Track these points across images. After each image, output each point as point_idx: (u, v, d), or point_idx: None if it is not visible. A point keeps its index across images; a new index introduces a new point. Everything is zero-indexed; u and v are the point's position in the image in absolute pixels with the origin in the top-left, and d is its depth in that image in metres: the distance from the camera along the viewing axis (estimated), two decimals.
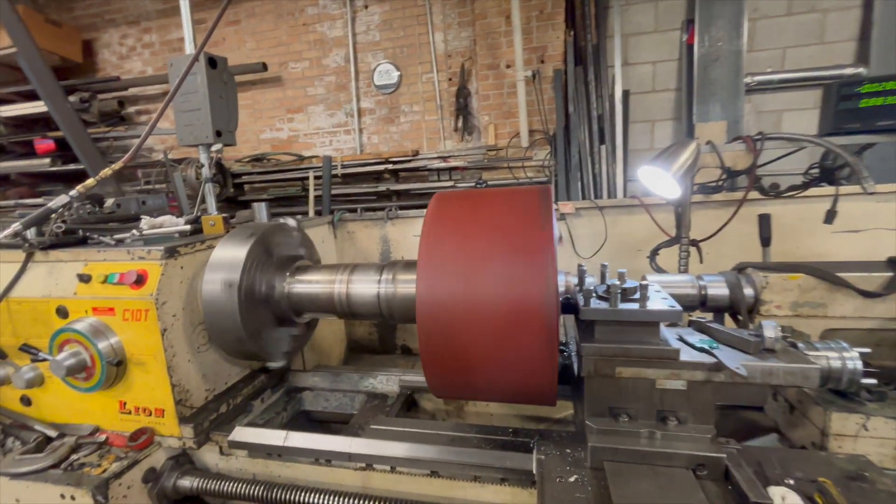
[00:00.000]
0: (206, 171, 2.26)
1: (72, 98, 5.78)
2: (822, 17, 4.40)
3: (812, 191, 2.18)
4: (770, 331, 1.21)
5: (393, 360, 3.13)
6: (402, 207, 3.79)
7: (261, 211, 2.56)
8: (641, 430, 1.23)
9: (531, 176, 5.00)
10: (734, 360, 1.17)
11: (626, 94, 4.81)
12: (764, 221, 1.56)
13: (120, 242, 1.78)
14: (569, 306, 1.49)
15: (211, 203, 2.29)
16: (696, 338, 1.31)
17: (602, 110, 4.73)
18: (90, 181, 1.86)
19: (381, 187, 5.18)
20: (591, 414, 1.30)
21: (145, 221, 1.89)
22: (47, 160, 6.00)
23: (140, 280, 1.60)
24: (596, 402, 1.29)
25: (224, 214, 2.03)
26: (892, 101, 1.97)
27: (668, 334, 1.28)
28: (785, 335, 1.27)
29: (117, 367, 1.61)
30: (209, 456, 1.79)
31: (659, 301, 1.25)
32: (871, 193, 2.14)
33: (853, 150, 1.82)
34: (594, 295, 1.29)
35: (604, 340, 1.26)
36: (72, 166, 5.89)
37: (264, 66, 5.59)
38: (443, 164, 5.09)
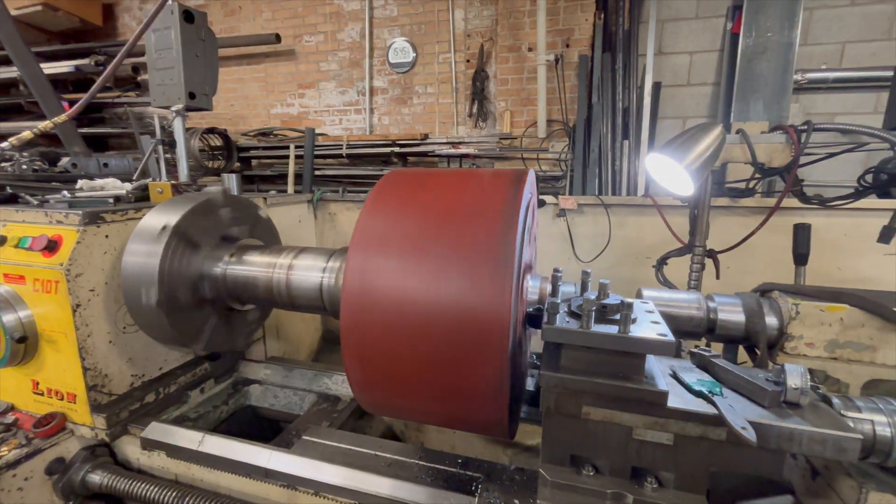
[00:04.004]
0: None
1: (86, 60, 5.75)
2: (892, 8, 3.86)
3: (864, 202, 1.81)
4: (795, 378, 0.90)
5: None
6: (361, 192, 3.52)
7: (230, 183, 2.35)
8: (608, 491, 0.95)
9: (546, 169, 4.65)
10: (740, 415, 0.87)
11: (657, 86, 4.38)
12: (801, 233, 1.23)
13: (44, 203, 1.58)
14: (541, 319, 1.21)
15: (182, 167, 2.09)
16: (695, 376, 1.01)
17: (629, 103, 4.32)
18: (26, 133, 1.68)
19: (387, 171, 4.94)
20: (548, 459, 1.02)
21: (83, 183, 1.69)
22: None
23: (52, 246, 1.40)
24: (554, 445, 1.01)
25: (174, 182, 1.82)
26: None
27: (658, 368, 0.98)
28: (815, 385, 0.96)
29: (21, 343, 1.42)
30: (130, 450, 1.59)
31: (647, 326, 0.96)
32: None
33: None
34: (563, 310, 1.01)
35: (570, 370, 0.97)
36: (85, 130, 5.88)
37: (278, 38, 5.39)
38: (452, 151, 4.80)
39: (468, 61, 5.05)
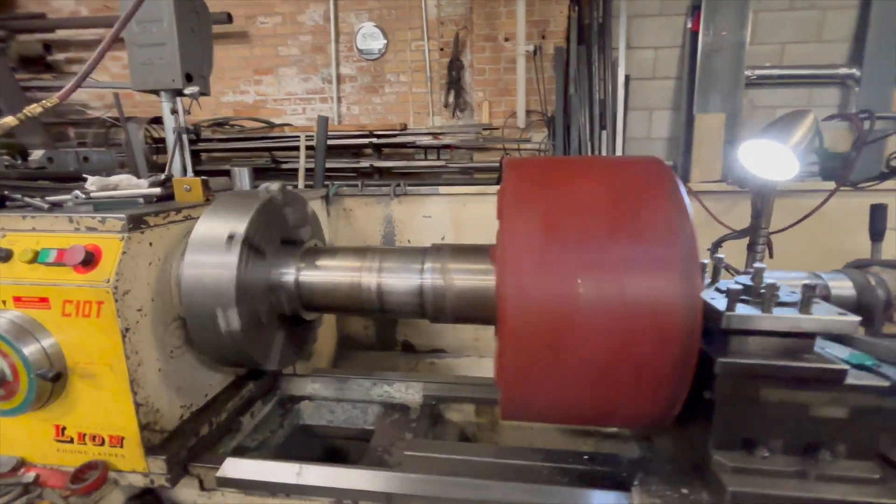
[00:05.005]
0: (180, 120, 1.75)
1: None
2: (821, 14, 4.39)
3: (867, 184, 2.03)
4: None
5: (392, 358, 2.73)
6: (383, 186, 3.37)
7: (242, 178, 2.09)
8: (791, 469, 0.97)
9: None
10: None
11: (626, 78, 4.61)
12: (878, 212, 1.37)
13: (56, 207, 1.28)
14: None
15: (186, 161, 1.78)
16: (843, 351, 1.07)
17: (605, 94, 4.50)
18: (8, 119, 1.33)
19: (364, 163, 4.70)
20: (720, 445, 1.02)
21: (94, 181, 1.39)
22: None
23: (90, 260, 1.13)
24: (728, 430, 1.02)
25: (204, 177, 1.56)
26: None
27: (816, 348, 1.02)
28: None
29: (53, 381, 1.14)
30: (185, 493, 1.35)
31: (814, 307, 0.99)
32: None
33: None
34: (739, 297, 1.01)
35: (745, 355, 0.98)
36: None
37: (229, 18, 4.86)
38: (433, 142, 4.68)
39: (442, 49, 4.94)
